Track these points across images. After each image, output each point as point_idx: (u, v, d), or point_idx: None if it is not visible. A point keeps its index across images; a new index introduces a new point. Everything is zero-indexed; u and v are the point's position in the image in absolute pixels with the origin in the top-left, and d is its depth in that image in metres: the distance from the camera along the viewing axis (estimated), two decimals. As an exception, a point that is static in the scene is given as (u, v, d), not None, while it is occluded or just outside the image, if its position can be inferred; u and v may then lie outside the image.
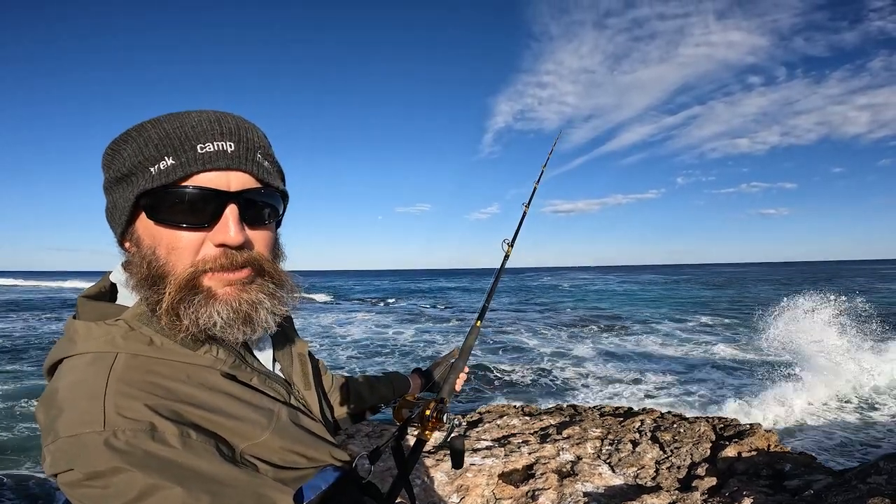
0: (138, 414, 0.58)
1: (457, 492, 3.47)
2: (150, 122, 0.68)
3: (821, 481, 3.39)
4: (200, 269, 0.67)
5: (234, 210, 0.67)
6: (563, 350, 13.60)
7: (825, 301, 10.77)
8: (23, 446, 6.22)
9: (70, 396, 0.60)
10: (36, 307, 26.65)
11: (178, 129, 0.66)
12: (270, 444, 0.68)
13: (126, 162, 0.68)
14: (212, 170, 0.66)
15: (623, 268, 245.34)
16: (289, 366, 0.87)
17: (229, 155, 0.67)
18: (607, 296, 34.63)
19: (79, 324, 0.67)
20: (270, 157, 0.75)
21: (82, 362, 0.63)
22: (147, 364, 0.64)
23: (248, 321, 0.69)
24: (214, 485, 0.57)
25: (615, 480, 3.68)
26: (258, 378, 0.75)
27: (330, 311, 25.96)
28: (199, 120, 0.67)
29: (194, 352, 0.68)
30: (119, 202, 0.70)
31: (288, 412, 0.75)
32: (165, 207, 0.66)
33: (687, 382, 9.83)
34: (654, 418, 4.92)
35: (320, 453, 0.76)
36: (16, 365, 11.05)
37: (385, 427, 4.65)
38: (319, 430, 0.80)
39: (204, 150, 0.66)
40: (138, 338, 0.66)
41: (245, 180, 0.69)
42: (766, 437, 4.21)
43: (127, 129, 0.69)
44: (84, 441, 0.55)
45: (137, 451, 0.55)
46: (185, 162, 0.65)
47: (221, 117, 0.69)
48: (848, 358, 9.09)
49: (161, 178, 0.65)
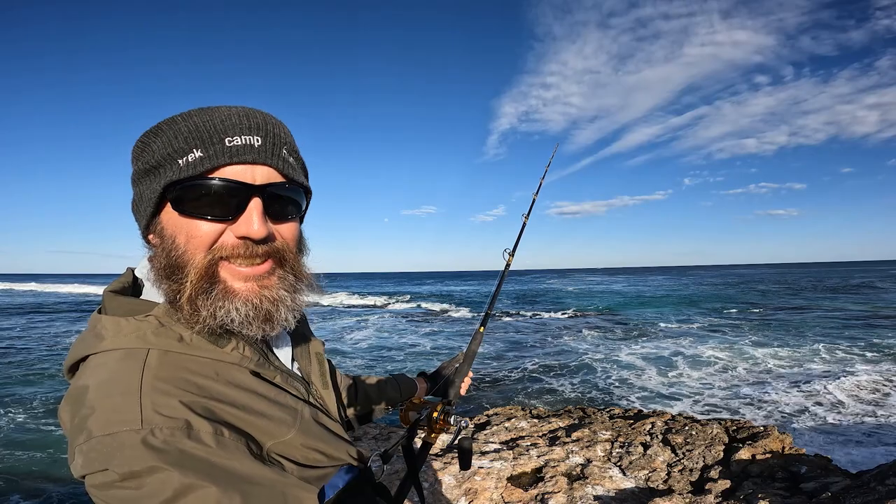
0: (175, 411, 0.57)
1: (465, 495, 3.42)
2: (181, 116, 0.68)
3: (838, 483, 3.31)
4: (218, 257, 0.66)
5: (258, 203, 0.67)
6: (568, 351, 13.50)
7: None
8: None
9: (103, 394, 0.58)
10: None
11: (207, 122, 0.66)
12: (295, 442, 0.68)
13: (156, 154, 0.68)
14: (238, 163, 0.66)
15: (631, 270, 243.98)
16: (307, 365, 0.87)
17: (256, 149, 0.67)
18: (608, 296, 34.43)
19: (107, 319, 0.66)
20: (295, 153, 0.75)
21: (113, 358, 0.62)
22: (179, 360, 0.64)
23: (268, 319, 0.69)
24: (245, 484, 0.57)
25: (626, 483, 3.62)
26: (281, 376, 0.75)
27: (336, 315, 26.00)
28: (228, 114, 0.67)
29: (222, 349, 0.68)
30: (146, 193, 0.70)
31: (310, 411, 0.75)
32: (191, 199, 0.66)
33: (700, 385, 9.72)
34: (664, 420, 4.85)
35: (339, 452, 0.76)
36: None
37: (392, 430, 4.62)
38: (337, 429, 0.80)
39: (232, 144, 0.66)
40: (169, 334, 0.65)
41: (270, 174, 0.69)
42: (781, 439, 4.13)
43: (158, 122, 0.69)
44: (121, 440, 0.54)
45: (174, 449, 0.54)
46: (213, 154, 0.65)
47: (250, 113, 0.69)
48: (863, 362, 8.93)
49: (189, 169, 0.65)
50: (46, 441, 6.59)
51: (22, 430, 7.13)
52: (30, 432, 7.01)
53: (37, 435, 6.89)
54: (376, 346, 15.48)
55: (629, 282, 62.06)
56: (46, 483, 5.36)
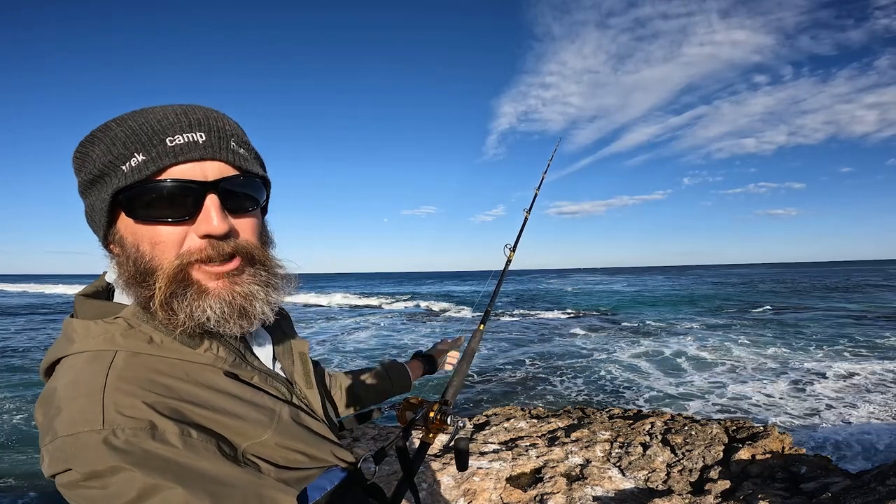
0: (138, 412, 0.57)
1: (464, 496, 3.41)
2: (115, 121, 0.66)
3: (838, 484, 3.30)
4: (186, 261, 0.65)
5: (214, 199, 0.66)
6: (568, 351, 13.50)
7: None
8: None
9: (68, 395, 0.58)
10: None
11: (143, 124, 0.64)
12: (272, 443, 0.67)
13: (96, 163, 0.66)
14: (185, 161, 0.65)
15: (630, 269, 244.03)
16: (290, 364, 0.85)
17: (201, 145, 0.66)
18: (607, 296, 34.43)
19: (77, 322, 0.66)
20: (245, 143, 0.73)
21: (81, 361, 0.62)
22: (147, 362, 0.63)
23: (243, 314, 0.68)
24: (216, 485, 0.56)
25: (625, 484, 3.61)
26: (259, 376, 0.74)
27: (336, 315, 25.99)
28: (164, 114, 0.66)
29: (194, 350, 0.67)
30: (96, 204, 0.68)
31: (290, 411, 0.74)
32: (143, 204, 0.64)
33: (701, 385, 9.71)
34: (664, 421, 4.84)
35: (323, 453, 0.75)
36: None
37: (390, 430, 4.61)
38: (322, 430, 0.79)
39: (174, 143, 0.64)
40: (138, 336, 0.65)
41: (221, 169, 0.67)
42: (781, 439, 4.12)
43: (92, 130, 0.67)
44: (83, 440, 0.54)
45: (137, 450, 0.54)
46: (156, 156, 0.64)
47: (188, 109, 0.67)
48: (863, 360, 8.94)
49: (133, 174, 0.63)
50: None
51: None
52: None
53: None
54: (377, 347, 15.47)
55: (628, 281, 62.08)
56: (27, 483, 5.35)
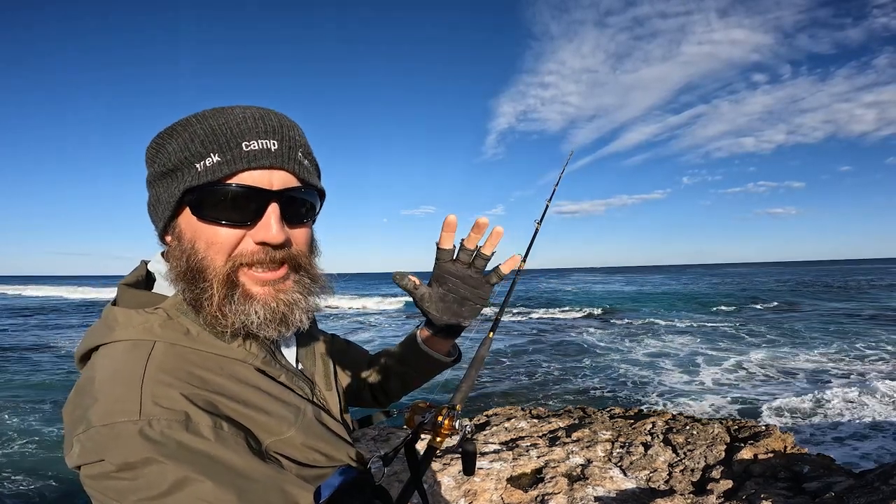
0: (175, 403, 0.57)
1: (464, 496, 3.39)
2: (196, 118, 0.68)
3: (841, 483, 3.28)
4: (238, 263, 0.67)
5: (275, 209, 0.68)
6: (568, 350, 13.48)
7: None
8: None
9: (106, 384, 0.59)
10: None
11: (223, 125, 0.66)
12: (295, 441, 0.68)
13: (171, 157, 0.68)
14: (256, 168, 0.67)
15: (629, 269, 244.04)
16: (312, 365, 0.87)
17: (273, 153, 0.68)
18: (607, 295, 34.41)
19: (118, 311, 0.67)
20: (310, 155, 0.75)
21: (120, 349, 0.63)
22: (184, 353, 0.65)
23: (283, 321, 0.70)
24: (242, 479, 0.57)
25: (627, 484, 3.59)
26: (286, 375, 0.76)
27: (337, 316, 25.96)
28: (243, 117, 0.67)
29: (228, 344, 0.69)
30: (163, 197, 0.70)
31: (313, 410, 0.76)
32: (210, 204, 0.67)
33: (702, 384, 9.69)
34: (665, 420, 4.82)
35: (339, 453, 0.77)
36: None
37: (392, 430, 4.59)
38: (339, 430, 0.81)
39: (249, 148, 0.66)
40: (175, 327, 0.66)
41: (287, 179, 0.70)
42: (783, 438, 4.10)
43: (172, 123, 0.69)
44: (119, 430, 0.54)
45: (171, 441, 0.54)
46: (231, 159, 0.65)
47: (265, 114, 0.69)
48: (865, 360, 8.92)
49: (207, 174, 0.66)
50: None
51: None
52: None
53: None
54: (378, 348, 15.43)
55: (628, 281, 62.09)
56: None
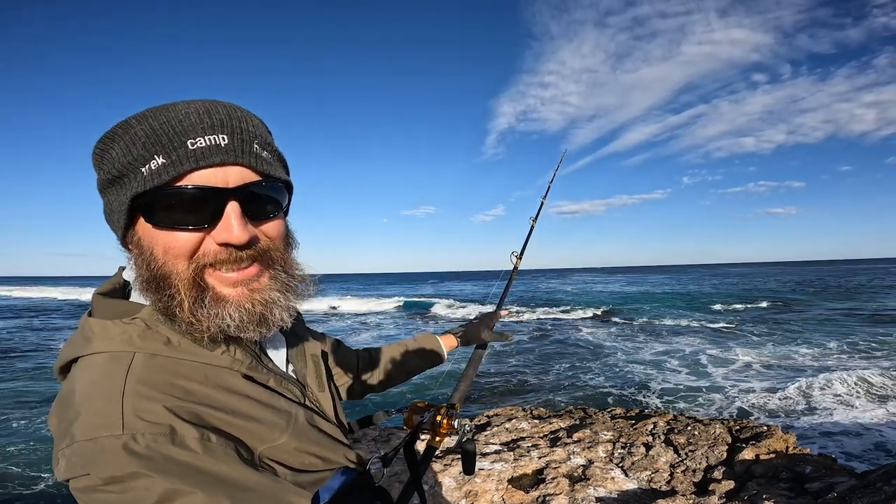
0: (158, 417, 0.56)
1: (465, 497, 3.38)
2: (136, 118, 0.64)
3: (843, 483, 3.27)
4: (201, 265, 0.64)
5: (235, 207, 0.63)
6: (569, 350, 13.47)
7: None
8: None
9: (87, 398, 0.58)
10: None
11: (164, 124, 0.62)
12: (288, 446, 0.67)
13: (115, 163, 0.64)
14: (206, 166, 0.62)
15: (630, 269, 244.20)
16: (302, 367, 0.85)
17: (223, 149, 0.63)
18: (607, 295, 34.41)
19: (94, 321, 0.65)
20: (269, 145, 0.70)
21: (99, 362, 0.62)
22: (165, 364, 0.63)
23: (262, 322, 0.67)
24: (235, 489, 0.56)
25: (628, 485, 3.58)
26: (274, 379, 0.73)
27: (337, 317, 25.95)
28: (186, 113, 0.62)
29: (211, 352, 0.67)
30: (115, 205, 0.67)
31: (305, 413, 0.74)
32: (161, 209, 0.63)
33: (703, 385, 9.68)
34: (666, 420, 4.81)
35: (336, 455, 0.75)
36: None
37: (392, 431, 4.58)
38: (334, 432, 0.79)
39: (195, 146, 0.61)
40: (155, 337, 0.64)
41: (244, 174, 0.65)
42: (784, 438, 4.09)
43: (112, 126, 0.65)
44: (102, 445, 0.53)
45: (157, 455, 0.54)
46: (177, 160, 0.61)
47: (211, 107, 0.64)
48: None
49: (153, 179, 0.61)
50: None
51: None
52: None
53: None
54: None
55: (628, 281, 62.07)
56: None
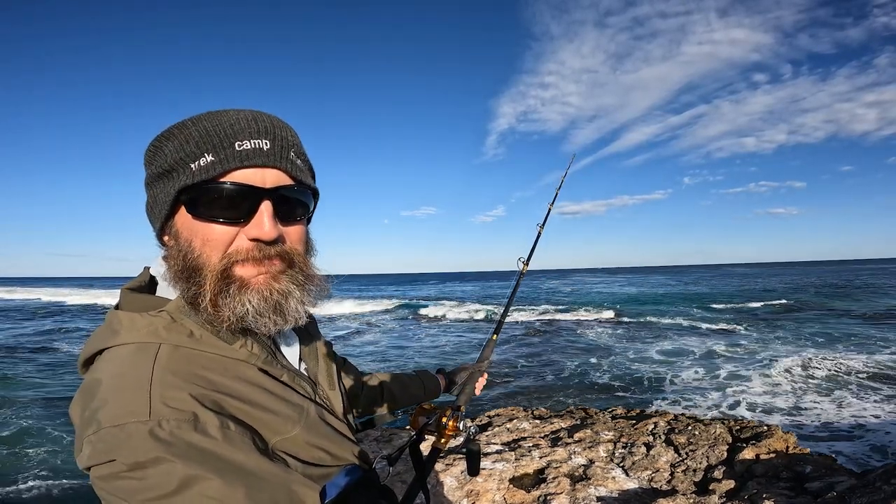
0: (183, 404, 0.59)
1: (467, 497, 3.40)
2: (191, 120, 0.70)
3: (843, 483, 3.29)
4: (233, 260, 0.69)
5: (268, 206, 0.70)
6: (570, 350, 13.48)
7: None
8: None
9: (114, 387, 0.60)
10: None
11: (217, 126, 0.68)
12: (300, 439, 0.70)
13: (168, 158, 0.70)
14: (249, 167, 0.69)
15: (630, 269, 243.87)
16: (314, 365, 0.88)
17: (265, 152, 0.69)
18: (608, 295, 34.38)
19: (122, 314, 0.69)
20: (303, 155, 0.77)
21: (126, 352, 0.65)
22: (188, 355, 0.66)
23: (278, 310, 0.71)
24: (250, 477, 0.58)
25: (629, 484, 3.59)
26: (287, 375, 0.76)
27: (337, 318, 25.98)
28: (236, 118, 0.70)
29: (230, 345, 0.70)
30: (160, 197, 0.72)
31: (316, 409, 0.77)
32: (204, 202, 0.68)
33: (703, 384, 9.69)
34: (667, 420, 4.83)
35: (344, 452, 0.78)
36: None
37: (394, 432, 4.60)
38: (343, 429, 0.82)
39: (241, 148, 0.68)
40: (179, 329, 0.67)
41: (279, 177, 0.71)
42: (785, 438, 4.11)
43: (169, 126, 0.71)
44: (129, 431, 0.55)
45: (180, 441, 0.56)
46: (224, 158, 0.67)
47: (257, 116, 0.71)
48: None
49: (201, 173, 0.67)
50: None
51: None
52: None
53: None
54: (380, 350, 15.46)
55: (629, 281, 62.05)
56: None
